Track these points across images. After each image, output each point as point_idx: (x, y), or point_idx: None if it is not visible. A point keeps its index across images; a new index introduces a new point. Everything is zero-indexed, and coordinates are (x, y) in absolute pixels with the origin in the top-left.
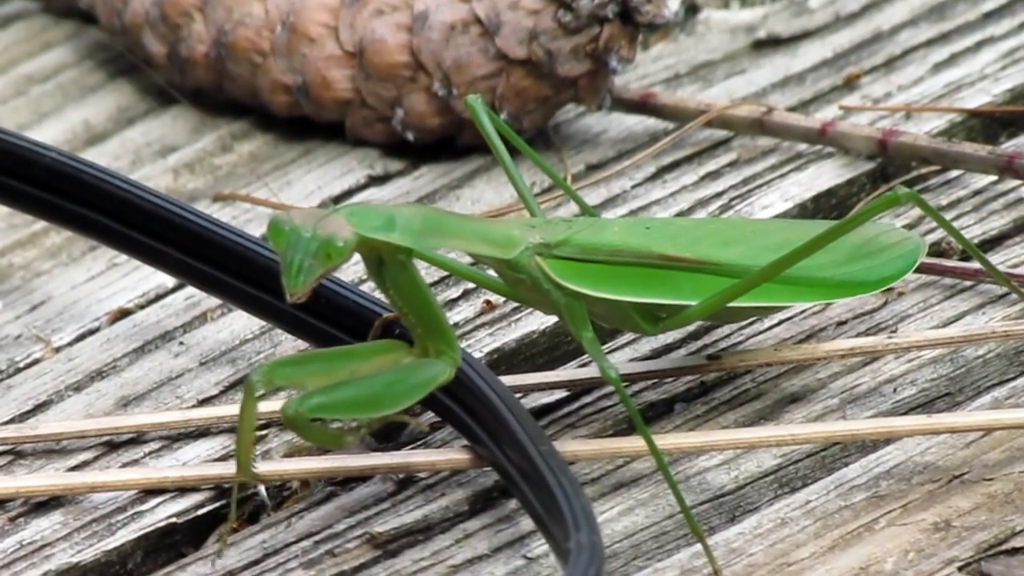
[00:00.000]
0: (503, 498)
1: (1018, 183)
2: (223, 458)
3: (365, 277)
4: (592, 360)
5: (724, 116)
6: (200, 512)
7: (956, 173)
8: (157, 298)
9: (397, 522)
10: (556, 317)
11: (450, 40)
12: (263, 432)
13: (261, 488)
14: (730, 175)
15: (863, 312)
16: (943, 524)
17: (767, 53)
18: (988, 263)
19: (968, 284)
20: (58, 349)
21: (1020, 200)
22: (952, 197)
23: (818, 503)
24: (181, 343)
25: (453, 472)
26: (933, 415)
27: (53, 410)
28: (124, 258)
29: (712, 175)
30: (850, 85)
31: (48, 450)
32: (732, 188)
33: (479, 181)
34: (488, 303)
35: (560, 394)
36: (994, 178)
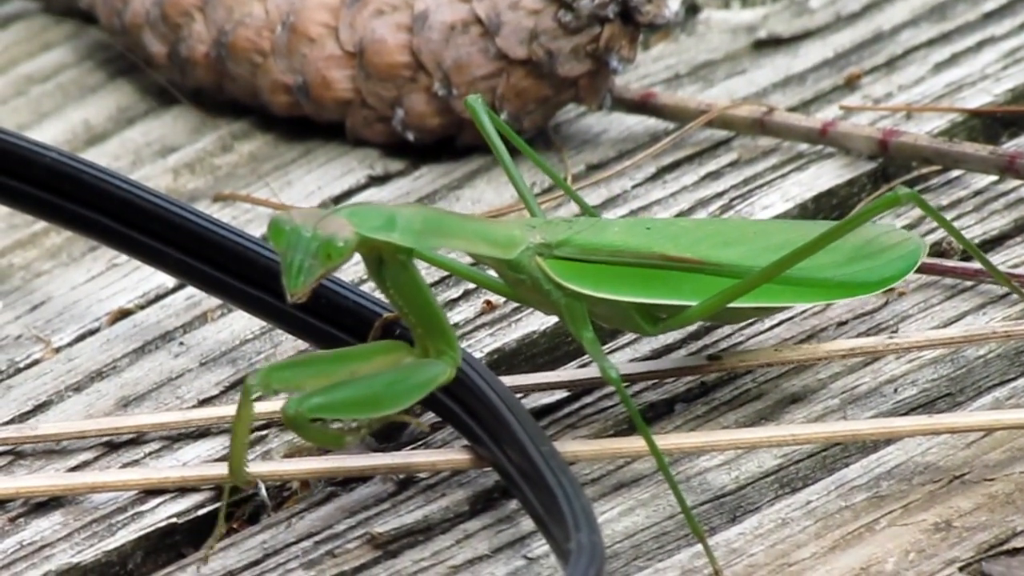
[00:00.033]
0: (504, 498)
1: (1019, 183)
2: (223, 458)
3: (365, 277)
4: (592, 360)
5: (725, 116)
6: (200, 512)
7: (957, 173)
8: (157, 298)
9: (397, 522)
10: (556, 317)
11: (450, 40)
12: (263, 432)
13: (261, 488)
14: (731, 175)
15: (864, 312)
16: (944, 524)
17: (768, 53)
18: (989, 263)
19: (969, 284)
20: (58, 349)
21: (1021, 200)
22: (953, 197)
23: (819, 503)
24: (181, 343)
25: (453, 472)
26: (934, 415)
27: (53, 410)
28: (124, 258)
29: (713, 175)
30: (851, 85)
31: (48, 450)
32: (733, 188)
33: (479, 181)
34: (488, 303)
35: (561, 394)
36: (995, 178)
